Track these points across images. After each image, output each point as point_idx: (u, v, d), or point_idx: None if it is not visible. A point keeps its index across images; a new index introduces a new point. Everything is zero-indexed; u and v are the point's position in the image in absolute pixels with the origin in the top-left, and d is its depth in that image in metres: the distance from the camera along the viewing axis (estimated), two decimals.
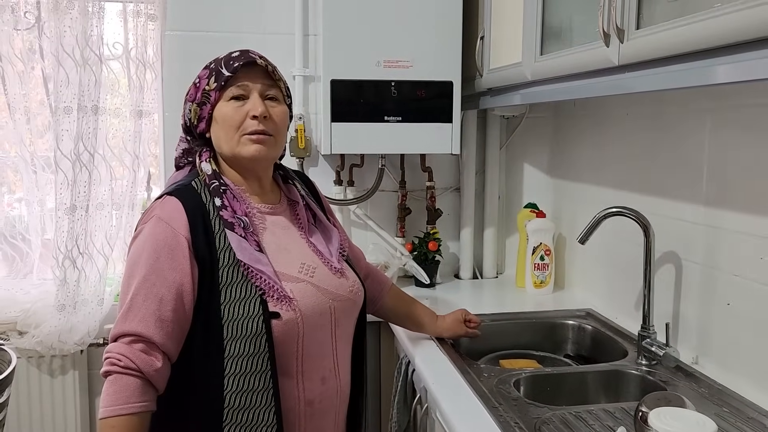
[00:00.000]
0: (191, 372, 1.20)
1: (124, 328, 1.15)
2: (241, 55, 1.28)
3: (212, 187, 1.26)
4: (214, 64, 1.30)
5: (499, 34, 1.99)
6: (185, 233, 1.19)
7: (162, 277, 1.17)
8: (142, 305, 1.16)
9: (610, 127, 1.99)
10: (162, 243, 1.18)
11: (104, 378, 1.14)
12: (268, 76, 1.30)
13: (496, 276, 2.57)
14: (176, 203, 1.22)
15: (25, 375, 2.22)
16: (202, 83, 1.29)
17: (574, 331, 1.92)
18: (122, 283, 1.21)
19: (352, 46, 2.10)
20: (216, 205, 1.24)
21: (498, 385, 1.46)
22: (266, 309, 1.18)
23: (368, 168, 2.41)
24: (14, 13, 2.16)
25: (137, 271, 1.18)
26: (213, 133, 1.30)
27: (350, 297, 1.35)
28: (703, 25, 1.06)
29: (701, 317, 1.57)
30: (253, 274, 1.20)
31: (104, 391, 1.13)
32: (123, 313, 1.16)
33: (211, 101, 1.28)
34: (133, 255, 1.21)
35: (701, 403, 1.35)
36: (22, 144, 2.20)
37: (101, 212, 2.24)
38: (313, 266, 1.30)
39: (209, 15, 2.28)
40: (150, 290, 1.16)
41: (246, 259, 1.20)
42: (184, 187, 1.26)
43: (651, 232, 1.59)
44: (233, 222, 1.23)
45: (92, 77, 2.15)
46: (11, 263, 2.33)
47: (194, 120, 1.31)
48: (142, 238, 1.21)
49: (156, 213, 1.22)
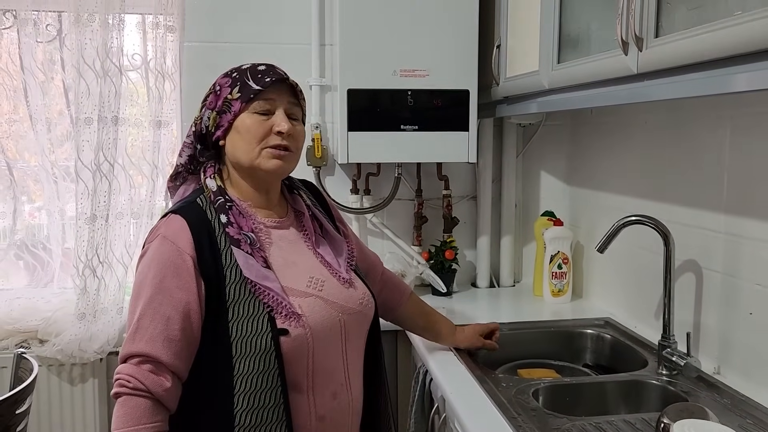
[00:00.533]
0: (201, 391, 1.19)
1: (132, 349, 1.15)
2: (270, 71, 1.28)
3: (218, 204, 1.25)
4: (238, 75, 1.28)
5: (515, 43, 1.99)
6: (190, 251, 1.19)
7: (168, 297, 1.17)
8: (149, 325, 1.15)
9: (627, 135, 1.98)
10: (167, 262, 1.18)
11: (115, 399, 1.15)
12: (294, 95, 1.30)
13: (513, 284, 2.55)
14: (181, 221, 1.21)
15: (45, 383, 2.25)
16: (223, 91, 1.28)
17: (592, 341, 1.91)
18: (130, 303, 1.21)
19: (369, 55, 2.11)
20: (222, 222, 1.23)
21: (516, 395, 1.45)
22: (274, 326, 1.17)
23: (384, 177, 2.41)
24: (36, 26, 2.20)
25: (143, 291, 1.18)
26: (230, 141, 1.29)
27: (360, 309, 1.32)
28: (724, 33, 1.05)
29: (722, 327, 1.55)
30: (260, 290, 1.19)
31: (115, 412, 1.14)
32: (131, 334, 1.16)
33: (233, 110, 1.26)
34: (139, 275, 1.21)
35: (724, 414, 1.33)
36: (43, 154, 2.24)
37: (121, 221, 2.27)
38: (321, 279, 1.29)
39: (227, 26, 2.31)
40: (157, 310, 1.16)
41: (253, 275, 1.19)
42: (188, 205, 1.26)
43: (671, 240, 1.57)
44: (239, 238, 1.22)
45: (112, 88, 2.18)
46: (32, 272, 2.37)
47: (212, 127, 1.30)
48: (147, 258, 1.21)
49: (161, 232, 1.21)
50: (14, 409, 1.64)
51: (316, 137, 2.33)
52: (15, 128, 2.28)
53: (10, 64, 2.25)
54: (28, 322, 2.24)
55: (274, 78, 1.26)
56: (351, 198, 2.41)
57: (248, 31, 2.32)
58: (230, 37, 2.31)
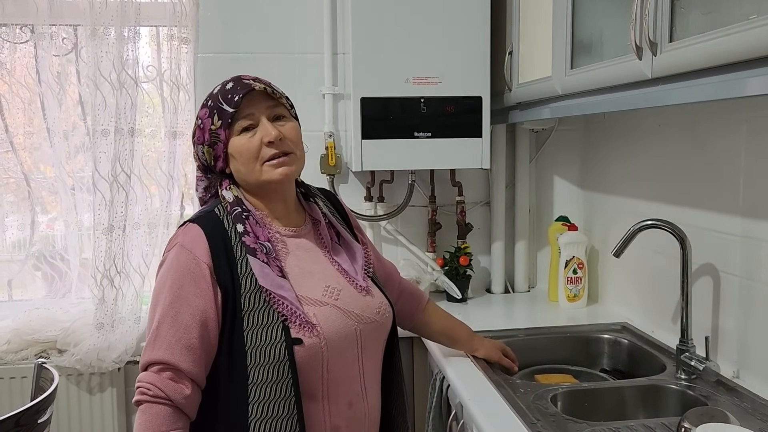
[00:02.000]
0: (217, 399, 1.20)
1: (151, 356, 1.17)
2: (237, 86, 1.27)
3: (234, 214, 1.26)
4: (212, 101, 1.28)
5: (527, 49, 2.00)
6: (207, 260, 1.20)
7: (186, 305, 1.18)
8: (168, 333, 1.17)
9: (641, 139, 1.98)
10: (185, 270, 1.20)
11: (136, 407, 1.16)
12: (269, 98, 1.29)
13: (528, 290, 2.55)
14: (198, 230, 1.23)
15: (65, 393, 2.27)
16: (206, 124, 1.28)
17: (609, 345, 1.90)
18: (149, 311, 1.23)
19: (381, 63, 2.12)
20: (238, 231, 1.24)
21: (535, 400, 1.45)
22: (288, 335, 1.18)
23: (398, 184, 2.42)
24: (52, 40, 2.23)
25: (162, 299, 1.19)
26: (233, 167, 1.30)
27: (377, 318, 1.32)
28: (739, 37, 1.05)
29: (741, 330, 1.54)
30: (275, 300, 1.19)
31: (136, 420, 1.15)
32: (150, 342, 1.18)
33: (221, 139, 1.27)
34: (158, 284, 1.23)
35: (744, 418, 1.32)
36: (59, 165, 2.26)
37: (137, 231, 2.29)
38: (338, 288, 1.29)
39: (240, 37, 2.33)
40: (175, 318, 1.17)
41: (267, 284, 1.20)
42: (206, 214, 1.27)
43: (688, 244, 1.57)
44: (255, 247, 1.23)
45: (128, 100, 2.20)
46: (51, 283, 2.39)
47: (210, 161, 1.31)
48: (166, 267, 1.22)
49: (179, 241, 1.23)
50: (36, 418, 1.66)
51: (329, 145, 2.34)
52: (32, 140, 2.31)
53: (27, 77, 2.28)
54: (47, 332, 2.26)
55: (242, 93, 1.25)
56: (365, 205, 2.42)
57: (261, 41, 2.34)
58: (243, 48, 2.33)
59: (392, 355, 1.39)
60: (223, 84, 1.30)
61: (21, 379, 2.21)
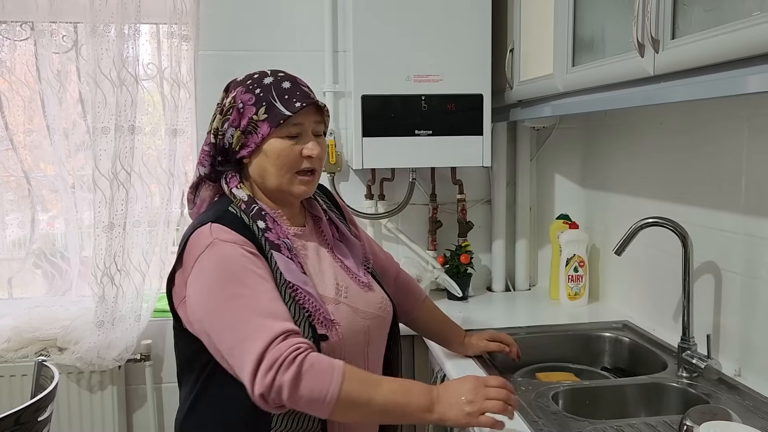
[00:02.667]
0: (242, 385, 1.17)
1: (269, 334, 1.08)
2: (297, 91, 1.25)
3: (253, 212, 1.25)
4: (261, 92, 1.25)
5: (529, 46, 1.99)
6: (249, 246, 1.19)
7: (252, 288, 1.14)
8: (269, 305, 1.12)
9: (643, 137, 1.98)
10: (239, 257, 1.16)
11: (297, 381, 1.06)
12: (319, 112, 1.29)
13: (529, 288, 2.55)
14: (226, 228, 1.20)
15: (65, 391, 2.26)
16: (247, 110, 1.25)
17: (611, 344, 1.90)
18: (218, 318, 1.13)
19: (382, 61, 2.12)
20: (260, 228, 1.23)
21: (536, 398, 1.45)
22: (315, 331, 1.18)
23: (399, 182, 2.42)
24: (52, 37, 2.23)
25: (230, 291, 1.13)
26: (257, 163, 1.27)
27: (380, 314, 1.34)
28: (742, 34, 1.05)
29: (743, 328, 1.54)
30: (300, 295, 1.19)
31: (306, 385, 1.06)
32: (255, 330, 1.09)
33: (260, 133, 1.24)
34: (213, 286, 1.15)
35: (746, 416, 1.31)
36: (60, 163, 2.26)
37: (138, 229, 2.28)
38: (345, 286, 1.30)
39: (241, 34, 2.33)
40: (259, 298, 1.13)
41: (294, 279, 1.19)
42: (224, 213, 1.24)
43: (689, 242, 1.56)
44: (279, 244, 1.22)
45: (128, 98, 2.20)
46: (51, 281, 2.39)
47: (236, 146, 1.28)
48: (213, 267, 1.16)
49: (216, 237, 1.18)
50: (37, 416, 1.66)
51: (330, 143, 2.34)
52: (32, 139, 2.31)
53: (27, 75, 2.28)
54: (47, 330, 2.26)
55: (305, 103, 1.24)
56: (365, 203, 2.42)
57: (262, 38, 2.34)
58: (244, 45, 2.33)
59: (392, 349, 1.40)
60: (276, 77, 1.27)
61: (21, 377, 2.21)
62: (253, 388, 1.06)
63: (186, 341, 1.26)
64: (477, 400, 1.13)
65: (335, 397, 1.07)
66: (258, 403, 1.08)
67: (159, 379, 2.40)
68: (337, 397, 1.07)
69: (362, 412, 1.11)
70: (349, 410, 1.10)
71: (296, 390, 1.06)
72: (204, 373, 1.24)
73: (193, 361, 1.26)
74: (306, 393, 1.06)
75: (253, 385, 1.06)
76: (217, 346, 1.14)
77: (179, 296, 1.25)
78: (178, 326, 1.28)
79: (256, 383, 1.06)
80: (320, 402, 1.07)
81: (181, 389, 1.34)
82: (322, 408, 1.08)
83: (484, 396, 1.15)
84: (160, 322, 2.38)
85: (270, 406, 1.08)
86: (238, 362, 1.09)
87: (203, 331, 1.18)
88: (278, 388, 1.05)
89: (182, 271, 1.23)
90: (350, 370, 1.11)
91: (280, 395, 1.06)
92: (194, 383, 1.27)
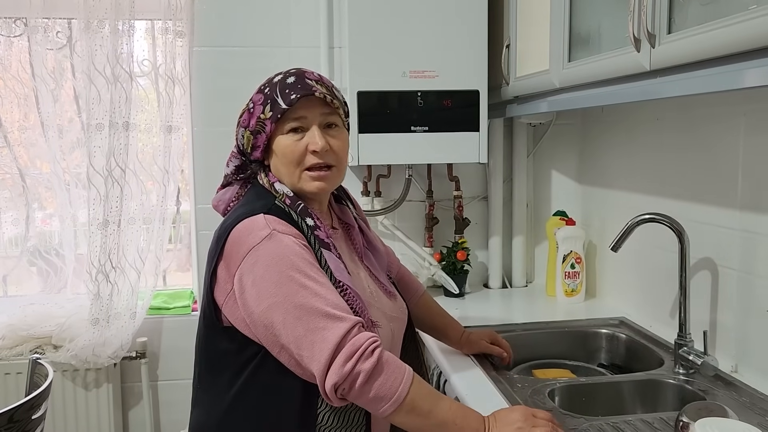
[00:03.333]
0: (296, 378, 1.17)
1: (343, 325, 1.09)
2: (298, 83, 1.22)
3: (300, 208, 1.22)
4: (269, 90, 1.24)
5: (525, 42, 1.99)
6: (305, 242, 1.18)
7: (316, 279, 1.13)
8: (331, 297, 1.12)
9: (639, 133, 1.97)
10: (300, 248, 1.15)
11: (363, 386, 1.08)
12: (326, 104, 1.25)
13: (526, 285, 2.54)
14: (281, 220, 1.18)
15: (60, 388, 2.26)
16: (256, 110, 1.24)
17: (607, 340, 1.90)
18: (283, 309, 1.11)
19: (378, 57, 2.11)
20: (309, 225, 1.20)
21: (532, 395, 1.44)
22: None
23: (395, 178, 2.41)
24: (46, 33, 2.21)
25: (297, 282, 1.11)
26: (273, 164, 1.27)
27: (401, 317, 1.36)
28: (738, 27, 1.04)
29: (739, 325, 1.54)
30: (350, 296, 1.17)
31: (380, 379, 1.08)
32: (322, 329, 1.08)
33: (266, 131, 1.23)
34: (278, 277, 1.11)
35: (743, 412, 1.31)
36: (54, 161, 2.25)
37: (133, 227, 2.27)
38: (374, 291, 1.31)
39: (236, 30, 2.32)
40: (325, 288, 1.12)
41: (344, 279, 1.18)
42: (274, 207, 1.21)
43: (686, 238, 1.56)
44: (328, 243, 1.21)
45: (123, 94, 2.19)
46: (46, 278, 2.38)
47: (248, 147, 1.27)
48: (275, 258, 1.12)
49: (274, 229, 1.15)
50: (30, 414, 1.65)
51: None
52: (26, 136, 2.29)
53: (21, 71, 2.26)
54: (42, 327, 2.25)
55: (300, 94, 1.21)
56: (362, 200, 2.41)
57: (257, 34, 2.33)
58: (239, 41, 2.32)
59: (408, 350, 1.42)
60: (285, 74, 1.25)
61: (16, 374, 2.20)
62: (326, 378, 1.07)
63: (221, 340, 1.21)
64: (526, 427, 1.14)
65: (402, 398, 1.09)
66: (327, 395, 1.08)
67: (155, 376, 2.39)
68: (404, 398, 1.09)
69: (420, 422, 1.12)
70: (409, 415, 1.11)
71: (371, 381, 1.08)
72: (244, 372, 1.19)
73: (227, 361, 1.21)
74: (377, 386, 1.08)
75: (326, 375, 1.07)
76: (280, 339, 1.12)
77: (224, 291, 1.19)
78: (214, 324, 1.22)
79: (332, 372, 1.06)
80: (387, 399, 1.08)
81: (201, 391, 1.28)
82: (387, 405, 1.09)
83: (533, 424, 1.15)
84: (156, 320, 2.37)
85: (335, 399, 1.09)
86: (308, 353, 1.09)
87: (261, 324, 1.13)
88: (355, 376, 1.06)
89: (226, 265, 1.17)
90: (417, 377, 1.13)
91: (354, 385, 1.07)
92: (228, 385, 1.21)
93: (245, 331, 1.18)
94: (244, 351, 1.19)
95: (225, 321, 1.20)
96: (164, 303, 2.44)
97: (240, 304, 1.16)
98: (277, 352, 1.16)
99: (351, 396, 1.09)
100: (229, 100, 1.33)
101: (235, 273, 1.16)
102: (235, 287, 1.16)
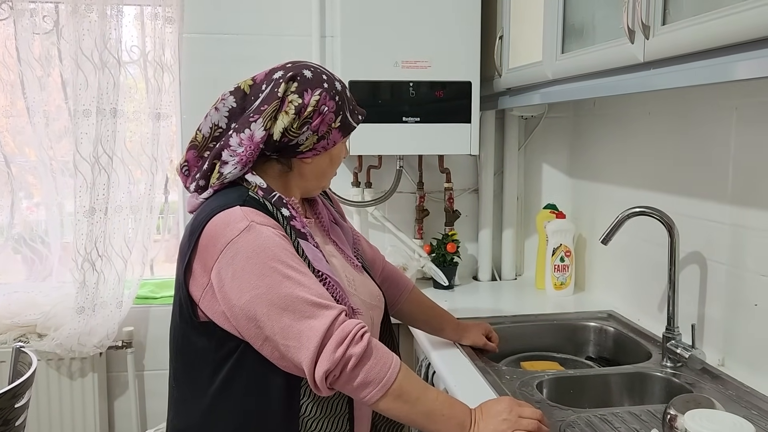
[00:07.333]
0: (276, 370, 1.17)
1: (331, 313, 1.10)
2: (357, 105, 1.34)
3: (275, 199, 1.20)
4: (341, 102, 1.25)
5: (518, 33, 1.98)
6: (283, 233, 1.17)
7: (298, 270, 1.12)
8: (315, 287, 1.12)
9: (631, 126, 1.97)
10: (279, 239, 1.14)
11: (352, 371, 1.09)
12: None
13: (515, 278, 2.54)
14: (258, 212, 1.16)
15: (45, 377, 2.23)
16: (328, 117, 1.23)
17: (595, 333, 1.90)
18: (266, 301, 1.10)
19: (370, 47, 2.09)
20: (285, 215, 1.20)
21: (521, 387, 1.44)
22: None
23: (386, 169, 2.40)
24: (32, 17, 2.17)
25: (279, 273, 1.10)
26: (316, 163, 1.27)
27: (378, 305, 1.36)
28: (733, 19, 1.03)
29: (727, 318, 1.54)
30: (330, 285, 1.17)
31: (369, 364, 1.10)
32: (308, 318, 1.09)
33: (331, 139, 1.25)
34: (259, 269, 1.10)
35: (729, 405, 1.32)
36: (41, 148, 2.21)
37: (120, 215, 2.25)
38: (352, 278, 1.31)
39: (226, 17, 2.29)
40: (308, 278, 1.13)
41: (323, 269, 1.18)
42: (249, 198, 1.19)
43: (675, 232, 1.56)
44: (305, 233, 1.20)
45: (111, 80, 2.16)
46: (31, 266, 2.35)
47: (305, 148, 1.23)
48: (255, 250, 1.11)
49: (252, 220, 1.13)
50: (13, 402, 1.63)
51: None
52: (12, 122, 2.25)
53: (7, 56, 2.22)
54: (26, 316, 2.22)
55: (363, 118, 1.33)
56: (352, 191, 2.40)
57: (248, 22, 2.30)
58: (230, 29, 2.29)
59: (385, 338, 1.41)
60: (340, 83, 1.27)
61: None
62: (316, 366, 1.07)
63: (199, 336, 1.19)
64: (511, 417, 1.15)
65: (390, 383, 1.10)
66: (316, 383, 1.08)
67: (141, 366, 2.37)
68: (392, 384, 1.10)
69: (406, 409, 1.12)
70: (396, 402, 1.11)
71: (361, 365, 1.09)
72: (224, 368, 1.17)
73: (205, 357, 1.19)
74: (366, 370, 1.09)
75: (317, 363, 1.07)
76: (264, 331, 1.11)
77: (200, 285, 1.16)
78: (190, 320, 1.19)
79: (322, 359, 1.07)
80: (376, 383, 1.10)
81: (178, 390, 1.25)
82: (375, 392, 1.10)
83: (518, 414, 1.16)
84: (143, 309, 2.35)
85: (324, 388, 1.09)
86: (295, 343, 1.09)
87: (243, 317, 1.11)
88: (346, 361, 1.07)
89: (202, 259, 1.15)
90: (405, 365, 1.15)
91: (345, 369, 1.08)
92: (208, 382, 1.19)
93: (225, 326, 1.16)
94: (222, 347, 1.17)
95: (202, 316, 1.18)
96: (151, 292, 2.42)
97: (219, 298, 1.14)
98: (260, 345, 1.14)
99: (340, 382, 1.09)
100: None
101: (212, 267, 1.13)
102: (213, 281, 1.14)
